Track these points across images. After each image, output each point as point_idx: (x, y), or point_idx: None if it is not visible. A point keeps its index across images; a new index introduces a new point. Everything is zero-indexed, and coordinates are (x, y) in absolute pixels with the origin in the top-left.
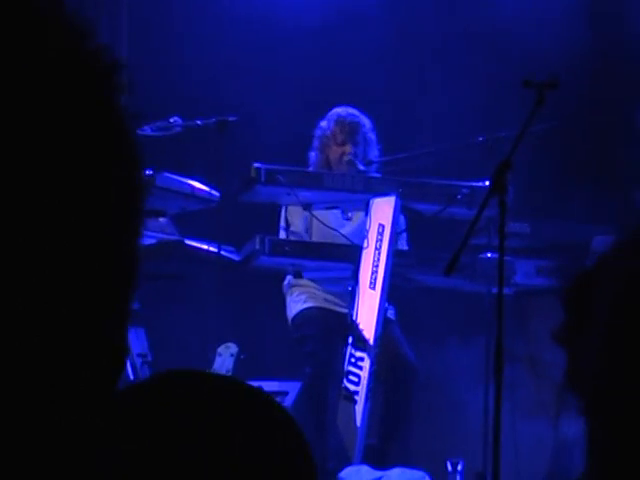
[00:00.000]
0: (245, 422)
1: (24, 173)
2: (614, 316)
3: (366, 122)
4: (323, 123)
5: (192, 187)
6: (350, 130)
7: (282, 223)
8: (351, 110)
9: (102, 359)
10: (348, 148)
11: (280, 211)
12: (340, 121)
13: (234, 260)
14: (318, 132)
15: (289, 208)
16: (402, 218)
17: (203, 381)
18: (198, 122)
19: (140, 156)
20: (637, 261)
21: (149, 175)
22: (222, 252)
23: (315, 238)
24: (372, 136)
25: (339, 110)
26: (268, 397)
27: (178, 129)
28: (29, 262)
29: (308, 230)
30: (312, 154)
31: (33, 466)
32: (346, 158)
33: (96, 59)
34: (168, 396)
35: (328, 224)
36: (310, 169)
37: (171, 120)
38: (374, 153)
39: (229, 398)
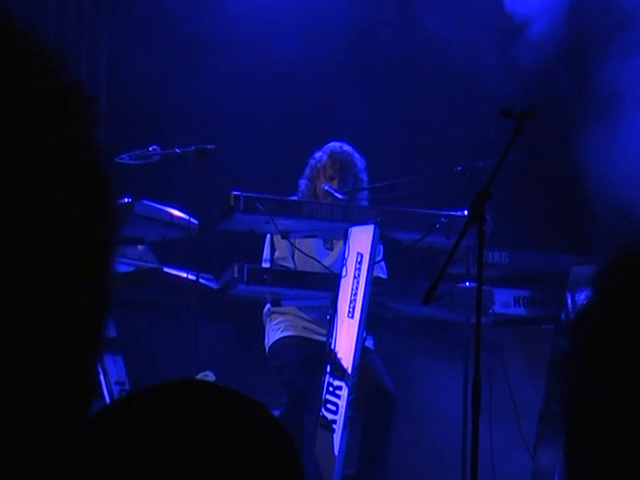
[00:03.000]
0: (232, 427)
1: None
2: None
3: (359, 161)
4: (318, 154)
5: (171, 215)
6: (341, 167)
7: (266, 254)
8: (346, 147)
9: (71, 392)
10: (335, 184)
11: (265, 240)
12: (333, 156)
13: (212, 288)
14: (311, 161)
15: (275, 235)
16: (380, 247)
17: (189, 390)
18: (177, 150)
19: (112, 191)
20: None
21: (128, 203)
22: (200, 280)
23: (299, 265)
24: (363, 177)
25: (335, 144)
26: (254, 403)
27: (157, 157)
28: None
29: (294, 256)
30: (302, 182)
31: None
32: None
33: (69, 94)
34: (152, 406)
35: (311, 253)
36: (298, 195)
37: (150, 149)
38: (363, 194)
39: (215, 405)
